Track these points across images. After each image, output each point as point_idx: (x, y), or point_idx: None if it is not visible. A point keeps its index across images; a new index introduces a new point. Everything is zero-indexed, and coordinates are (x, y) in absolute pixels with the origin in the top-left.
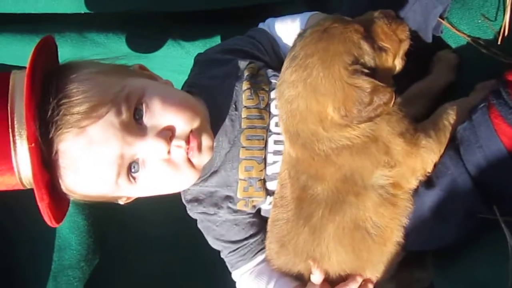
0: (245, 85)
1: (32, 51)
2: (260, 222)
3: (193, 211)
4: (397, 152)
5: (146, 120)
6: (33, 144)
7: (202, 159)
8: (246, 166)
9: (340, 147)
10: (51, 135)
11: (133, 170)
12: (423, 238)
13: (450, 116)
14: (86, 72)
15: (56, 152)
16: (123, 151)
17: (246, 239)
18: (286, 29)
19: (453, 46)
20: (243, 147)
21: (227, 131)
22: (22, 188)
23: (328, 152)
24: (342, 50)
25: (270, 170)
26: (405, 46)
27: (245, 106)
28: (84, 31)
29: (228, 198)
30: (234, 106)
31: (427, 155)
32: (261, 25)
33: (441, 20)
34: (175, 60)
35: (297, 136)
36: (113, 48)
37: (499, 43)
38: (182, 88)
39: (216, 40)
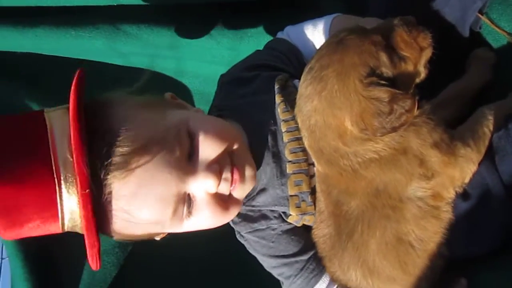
0: (278, 99)
1: (72, 86)
2: None
3: (243, 232)
4: (433, 163)
5: (196, 155)
6: (87, 191)
7: (244, 190)
8: (295, 181)
9: (367, 161)
10: (101, 179)
11: (187, 207)
12: (456, 246)
13: (489, 122)
14: (126, 108)
15: (107, 196)
16: (178, 189)
17: (309, 249)
18: (308, 35)
19: (492, 43)
20: (289, 161)
21: (269, 147)
22: (60, 232)
23: (355, 166)
24: (358, 62)
25: (312, 182)
26: (427, 54)
27: (283, 120)
28: (117, 23)
29: (278, 215)
30: (272, 121)
31: (466, 165)
32: (279, 35)
33: (480, 16)
34: (207, 51)
35: (321, 152)
36: (145, 39)
37: None
38: (209, 113)
39: (245, 31)
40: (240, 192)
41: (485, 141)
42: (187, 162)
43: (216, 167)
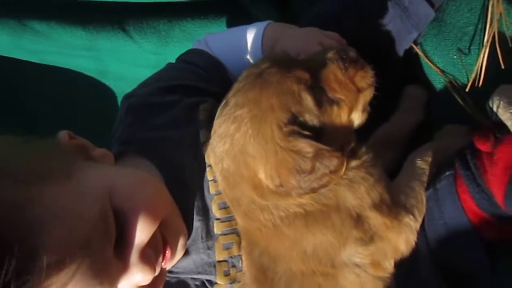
0: (203, 136)
1: None
2: None
3: None
4: (373, 225)
5: (124, 242)
6: None
7: (173, 262)
8: (224, 244)
9: (291, 216)
10: None
11: None
12: None
13: (425, 176)
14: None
15: None
16: None
17: None
18: (233, 46)
19: (425, 75)
20: (218, 219)
21: (193, 198)
22: None
23: (277, 222)
24: (277, 105)
25: None
26: (366, 96)
27: (209, 165)
28: (23, 18)
29: (203, 284)
30: (195, 165)
31: (412, 235)
32: (197, 45)
33: (414, 46)
34: (129, 54)
35: (237, 203)
36: (55, 38)
37: (467, 90)
38: (110, 146)
39: (171, 36)
40: (169, 265)
41: (424, 206)
42: (115, 256)
43: (151, 254)
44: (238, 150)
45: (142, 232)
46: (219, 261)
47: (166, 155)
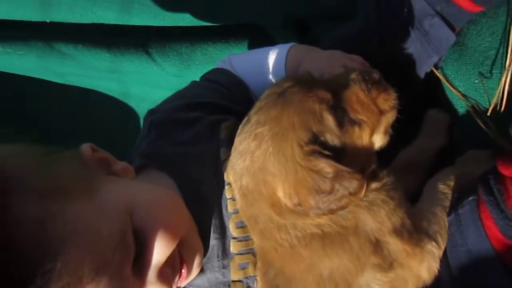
0: (223, 154)
1: None
2: None
3: None
4: (392, 251)
5: (142, 260)
6: None
7: (189, 279)
8: (240, 264)
9: (308, 237)
10: None
11: None
12: None
13: (447, 201)
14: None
15: None
16: None
17: None
18: (256, 66)
19: (447, 99)
20: (234, 238)
21: (211, 216)
22: None
23: (294, 242)
24: (298, 124)
25: None
26: (388, 119)
27: (228, 184)
28: (51, 41)
29: None
30: (215, 183)
31: (434, 263)
32: (220, 64)
33: (435, 71)
34: (151, 77)
35: (254, 221)
36: (81, 60)
37: (488, 114)
38: (132, 160)
39: (193, 59)
40: (183, 283)
41: (447, 232)
42: (133, 274)
43: (168, 272)
44: (257, 167)
45: (161, 251)
46: (234, 281)
47: (186, 171)
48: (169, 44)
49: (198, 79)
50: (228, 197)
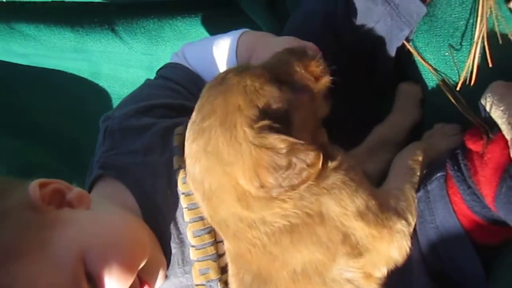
0: (177, 162)
1: None
2: None
3: None
4: (359, 238)
5: None
6: None
7: None
8: (200, 269)
9: (277, 232)
10: None
11: None
12: None
13: (416, 177)
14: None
15: None
16: None
17: None
18: (209, 57)
19: (417, 72)
20: (193, 246)
21: (168, 225)
22: None
23: (265, 241)
24: (243, 104)
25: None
26: (323, 84)
27: (183, 193)
28: (11, 21)
29: None
30: (168, 191)
31: (405, 242)
32: (175, 58)
33: (406, 43)
34: (120, 55)
35: (225, 225)
36: (45, 41)
37: (457, 88)
38: (90, 169)
39: (162, 36)
40: None
41: (416, 209)
42: None
43: None
44: (214, 161)
45: (116, 283)
46: (197, 285)
47: (141, 182)
48: (136, 21)
49: (168, 56)
50: (184, 206)
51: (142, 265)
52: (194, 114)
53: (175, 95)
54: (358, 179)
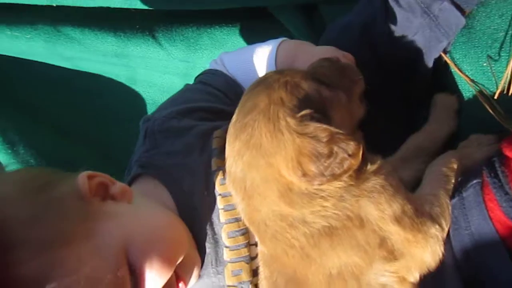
0: (214, 164)
1: None
2: None
3: None
4: (394, 241)
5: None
6: None
7: None
8: (233, 271)
9: (316, 234)
10: None
11: None
12: None
13: (450, 185)
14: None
15: None
16: None
17: None
18: (248, 64)
19: (454, 83)
20: (227, 247)
21: (204, 226)
22: None
23: (303, 242)
24: (284, 96)
25: (255, 264)
26: (359, 86)
27: (220, 194)
28: (58, 25)
29: None
30: (205, 192)
31: (438, 247)
32: (213, 65)
33: (443, 55)
34: (159, 61)
35: (264, 226)
36: (88, 45)
37: (495, 97)
38: (129, 168)
39: (199, 43)
40: None
41: (450, 214)
42: None
43: None
44: (257, 154)
45: (155, 283)
46: (229, 286)
47: (179, 181)
48: (175, 28)
49: (205, 64)
50: (220, 207)
51: (179, 260)
52: (235, 115)
53: (214, 99)
54: (396, 184)
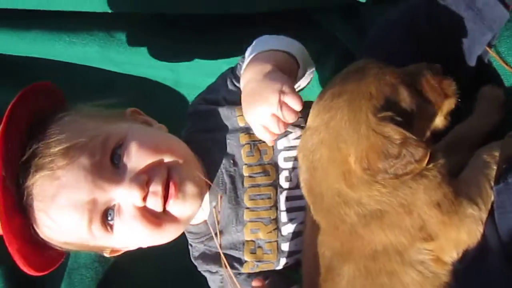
0: (242, 139)
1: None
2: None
3: (200, 269)
4: (432, 224)
5: (123, 164)
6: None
7: (185, 208)
8: (252, 229)
9: (368, 216)
10: (25, 178)
11: (109, 218)
12: None
13: (492, 171)
14: (72, 115)
15: (29, 196)
16: (95, 196)
17: None
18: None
19: (499, 77)
20: (247, 208)
21: (227, 190)
22: None
23: (355, 221)
24: (374, 93)
25: (285, 230)
26: (451, 103)
27: (245, 164)
28: (111, 30)
29: (234, 260)
30: (231, 161)
31: (475, 226)
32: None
33: (488, 49)
34: (203, 64)
35: (321, 198)
36: (138, 48)
37: None
38: None
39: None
40: (178, 209)
41: (491, 197)
42: (114, 171)
43: (143, 178)
44: (332, 136)
45: (137, 157)
46: (247, 241)
47: (210, 152)
48: (221, 31)
49: None
50: (245, 175)
51: (168, 159)
52: (322, 92)
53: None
54: (445, 172)
